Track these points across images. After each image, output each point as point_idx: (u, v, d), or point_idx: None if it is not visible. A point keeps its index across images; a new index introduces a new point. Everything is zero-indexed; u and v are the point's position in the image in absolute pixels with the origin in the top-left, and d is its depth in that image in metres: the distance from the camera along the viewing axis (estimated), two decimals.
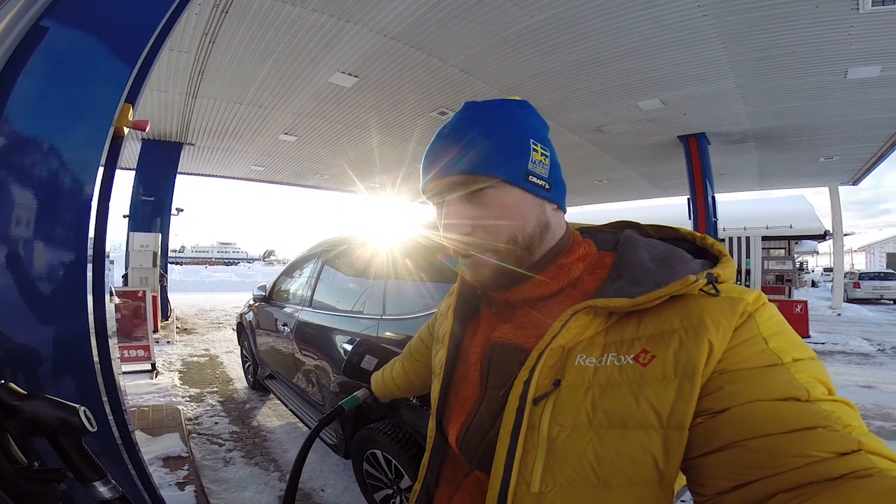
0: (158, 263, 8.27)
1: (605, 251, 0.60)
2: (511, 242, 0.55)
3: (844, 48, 5.02)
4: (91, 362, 1.33)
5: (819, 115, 7.20)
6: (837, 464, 0.34)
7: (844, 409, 0.39)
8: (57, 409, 0.50)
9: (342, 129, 8.27)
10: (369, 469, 1.95)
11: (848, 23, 4.50)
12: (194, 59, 5.50)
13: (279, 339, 3.27)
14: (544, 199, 0.57)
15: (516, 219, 0.55)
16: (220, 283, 22.52)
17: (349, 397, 1.08)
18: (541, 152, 0.56)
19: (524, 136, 0.56)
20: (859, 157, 9.81)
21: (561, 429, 0.47)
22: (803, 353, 0.43)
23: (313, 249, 3.36)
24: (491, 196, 0.54)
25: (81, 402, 0.54)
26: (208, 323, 9.58)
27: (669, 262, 0.52)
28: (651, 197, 15.02)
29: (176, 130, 8.24)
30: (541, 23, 4.77)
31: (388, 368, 1.05)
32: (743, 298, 0.45)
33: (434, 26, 4.84)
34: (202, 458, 2.87)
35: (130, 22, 1.18)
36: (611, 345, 0.48)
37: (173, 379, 4.68)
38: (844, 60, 5.33)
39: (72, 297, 1.29)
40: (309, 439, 0.97)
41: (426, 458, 0.70)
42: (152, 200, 8.83)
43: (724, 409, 0.40)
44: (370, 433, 1.84)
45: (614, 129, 8.06)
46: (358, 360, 1.17)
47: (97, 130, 1.22)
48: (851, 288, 16.20)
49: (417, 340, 0.95)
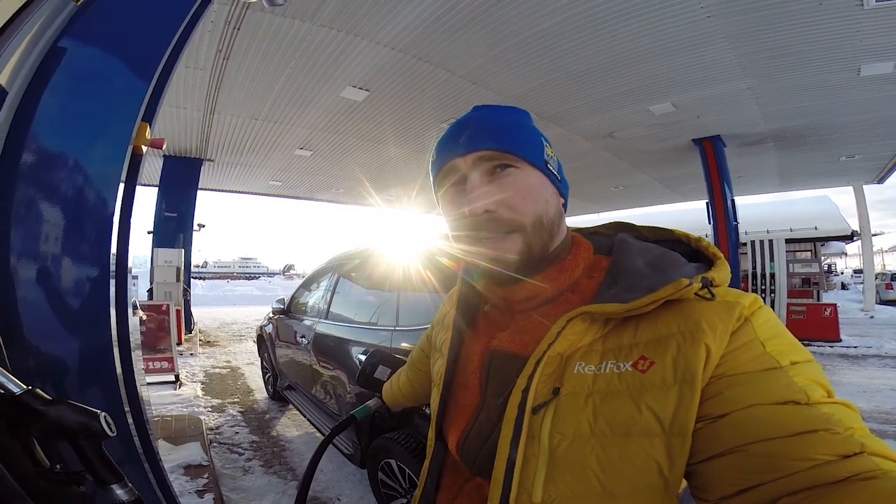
0: (182, 278, 8.48)
1: (600, 255, 0.60)
2: (538, 223, 0.55)
3: (854, 45, 4.91)
4: (114, 373, 1.37)
5: (835, 113, 7.01)
6: (841, 466, 0.34)
7: (845, 411, 0.39)
8: (79, 414, 0.52)
9: (356, 142, 8.37)
10: (384, 478, 1.95)
11: (854, 19, 4.41)
12: (210, 76, 5.64)
13: (297, 351, 3.32)
14: (559, 191, 0.59)
15: (540, 201, 0.55)
16: (242, 297, 22.94)
17: (361, 406, 1.10)
18: (551, 149, 0.59)
19: (537, 133, 0.58)
20: (883, 155, 9.49)
21: (562, 438, 0.46)
22: (801, 355, 0.43)
23: (329, 263, 3.42)
24: (515, 175, 0.55)
25: (104, 409, 0.56)
26: (230, 336, 9.74)
27: (663, 266, 0.52)
28: (669, 202, 14.71)
29: (196, 146, 8.44)
30: (547, 30, 4.79)
31: (396, 378, 1.06)
32: (739, 302, 0.45)
33: (441, 38, 4.90)
34: (222, 466, 2.92)
35: (143, 41, 1.24)
36: (609, 352, 0.48)
37: (196, 390, 4.77)
38: (856, 57, 5.21)
39: (95, 311, 1.33)
40: (321, 447, 0.99)
41: (426, 465, 0.70)
42: (175, 216, 9.04)
43: (724, 413, 0.40)
44: (385, 443, 1.86)
45: (627, 134, 7.97)
46: (371, 370, 1.18)
47: (116, 148, 1.27)
48: (884, 289, 15.65)
49: (418, 350, 0.95)
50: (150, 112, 1.28)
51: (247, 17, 4.47)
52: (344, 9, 4.37)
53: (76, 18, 1.14)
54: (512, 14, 4.49)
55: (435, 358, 0.75)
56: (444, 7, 4.38)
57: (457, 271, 0.73)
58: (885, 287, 15.73)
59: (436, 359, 0.74)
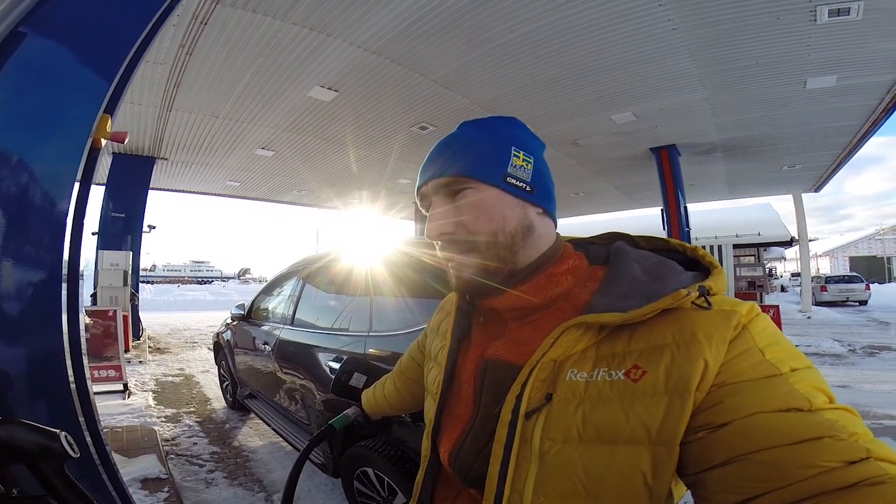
0: (129, 282, 7.99)
1: (596, 265, 0.60)
2: (491, 240, 0.56)
3: (803, 59, 5.28)
4: (66, 382, 1.27)
5: (781, 124, 7.52)
6: (847, 472, 0.34)
7: (848, 416, 0.39)
8: (35, 435, 0.48)
9: (321, 143, 8.22)
10: (360, 487, 1.90)
11: (806, 34, 4.73)
12: (170, 71, 5.41)
13: (260, 358, 3.19)
14: (525, 201, 0.58)
15: (495, 218, 0.56)
16: (194, 302, 21.97)
17: (339, 416, 1.06)
18: (523, 158, 0.58)
19: (506, 144, 0.58)
20: (820, 165, 10.25)
21: (552, 443, 0.47)
22: (800, 362, 0.43)
23: (295, 267, 3.32)
24: (469, 196, 0.57)
25: (58, 423, 0.52)
26: (182, 342, 9.28)
27: (660, 274, 0.52)
28: (625, 209, 15.32)
29: (149, 145, 8.05)
30: (521, 38, 4.88)
31: (380, 386, 1.03)
32: (736, 311, 0.45)
33: (415, 41, 4.89)
34: (182, 479, 2.76)
35: (112, 29, 1.15)
36: (602, 359, 0.48)
37: (147, 399, 4.51)
38: (804, 71, 5.60)
39: (46, 317, 1.24)
40: (300, 460, 0.94)
41: (420, 477, 0.69)
42: (123, 217, 8.55)
43: (726, 422, 0.40)
44: (361, 451, 1.80)
45: (590, 142, 8.25)
46: (347, 377, 1.14)
47: (74, 142, 1.18)
48: (819, 291, 16.81)
49: (408, 358, 0.93)
50: (112, 104, 1.19)
51: (216, 11, 4.30)
52: (318, 8, 4.29)
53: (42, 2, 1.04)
54: (487, 21, 4.56)
55: (429, 367, 0.74)
56: (420, 11, 4.38)
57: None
58: (820, 289, 16.94)
59: (430, 367, 0.73)
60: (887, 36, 4.74)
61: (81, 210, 1.32)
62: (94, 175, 1.35)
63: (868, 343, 8.00)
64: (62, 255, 1.26)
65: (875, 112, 6.87)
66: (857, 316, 13.28)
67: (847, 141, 8.41)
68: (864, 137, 8.09)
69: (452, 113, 6.81)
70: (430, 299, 1.90)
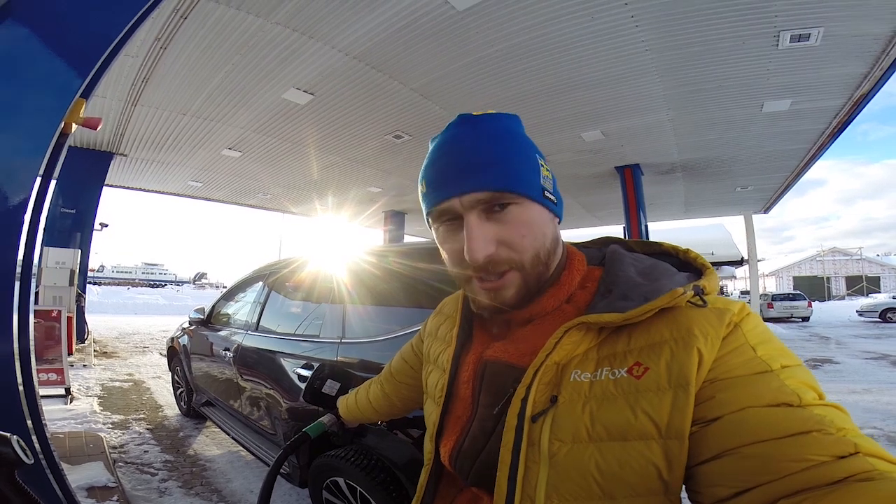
0: (76, 282, 7.51)
1: (592, 266, 0.61)
2: (535, 259, 0.55)
3: (762, 82, 5.56)
4: (14, 384, 1.19)
5: (737, 146, 7.86)
6: (836, 467, 0.34)
7: (836, 413, 0.39)
8: None
9: (291, 147, 8.05)
10: (330, 498, 1.85)
11: (767, 58, 5.00)
12: (141, 65, 5.18)
13: (219, 365, 3.05)
14: (555, 215, 0.58)
15: (538, 236, 0.55)
16: (145, 306, 20.88)
17: (314, 423, 1.03)
18: (546, 167, 0.57)
19: (533, 152, 0.56)
20: (770, 187, 10.80)
21: (561, 444, 0.47)
22: (790, 360, 0.44)
23: (260, 271, 3.22)
24: (515, 213, 0.53)
25: (4, 427, 0.48)
26: (131, 347, 8.79)
27: (656, 275, 0.53)
28: (589, 226, 15.59)
29: (108, 139, 7.64)
30: (500, 52, 4.96)
31: (363, 391, 1.01)
32: (728, 309, 0.47)
33: (398, 49, 4.89)
34: (133, 488, 2.59)
35: (102, 11, 1.10)
36: (604, 359, 0.49)
37: (92, 404, 4.24)
38: (762, 94, 5.90)
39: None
40: (273, 470, 0.91)
41: (424, 478, 0.68)
42: (73, 213, 8.05)
43: (717, 417, 0.41)
44: (331, 461, 1.75)
45: (559, 158, 8.42)
46: (319, 384, 1.12)
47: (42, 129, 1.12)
48: (766, 308, 17.70)
49: (400, 362, 0.92)
50: (89, 88, 1.14)
51: (198, 6, 4.16)
52: (304, 8, 4.23)
53: None
54: (471, 34, 4.62)
55: (428, 370, 0.73)
56: (405, 20, 4.39)
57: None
58: (767, 306, 17.91)
59: (429, 371, 0.73)
60: (840, 62, 5.02)
61: (39, 207, 1.26)
62: (55, 171, 1.28)
63: (811, 356, 8.45)
64: (17, 252, 1.19)
65: (822, 135, 7.26)
66: (800, 331, 14.06)
67: (795, 164, 8.84)
68: (811, 160, 8.52)
69: (428, 123, 6.81)
70: (405, 308, 1.89)
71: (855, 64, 5.06)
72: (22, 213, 1.15)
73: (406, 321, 1.77)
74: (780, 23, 4.37)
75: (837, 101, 6.05)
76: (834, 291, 38.43)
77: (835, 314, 20.63)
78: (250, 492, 2.64)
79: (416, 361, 0.86)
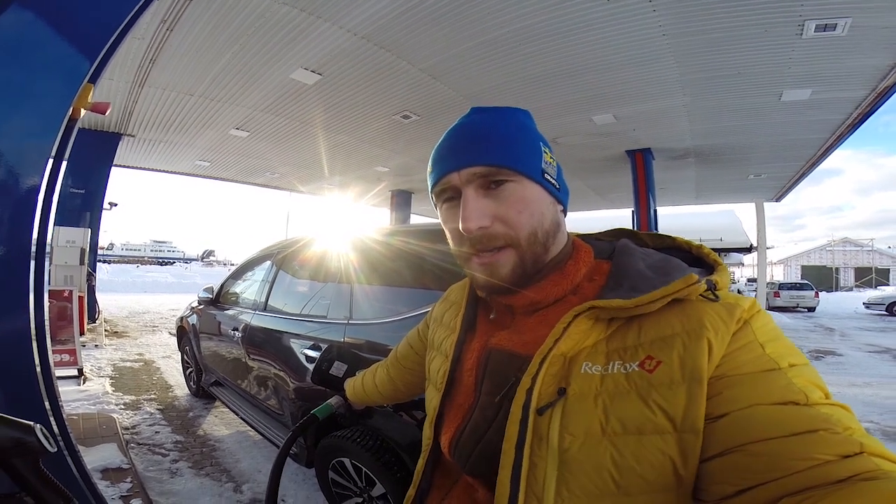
0: (87, 261, 7.60)
1: (601, 259, 0.61)
2: (532, 237, 0.55)
3: (783, 71, 5.42)
4: (33, 367, 1.21)
5: (753, 134, 7.71)
6: (841, 466, 0.34)
7: (842, 412, 0.39)
8: (9, 429, 0.45)
9: (299, 127, 7.99)
10: (336, 478, 1.88)
11: (790, 47, 4.86)
12: (147, 47, 5.13)
13: (228, 345, 3.09)
14: (556, 200, 0.59)
15: (535, 214, 0.55)
16: (154, 284, 21.12)
17: (322, 405, 1.04)
18: (550, 155, 0.59)
19: (536, 139, 0.58)
20: (784, 176, 10.63)
21: (573, 438, 0.46)
22: (798, 359, 0.44)
23: (269, 250, 3.22)
24: (511, 189, 0.55)
25: (24, 412, 0.48)
26: (141, 326, 8.93)
27: (666, 270, 0.52)
28: (598, 209, 15.58)
29: (116, 120, 7.64)
30: (512, 33, 4.85)
31: (370, 375, 1.02)
32: (739, 305, 0.47)
33: (407, 29, 4.81)
34: (145, 469, 2.65)
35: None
36: (614, 352, 0.48)
37: (104, 385, 4.31)
38: (782, 83, 5.76)
39: (13, 298, 1.17)
40: (283, 452, 0.93)
41: (421, 464, 0.69)
42: (82, 193, 8.11)
43: (724, 413, 0.41)
44: (337, 441, 1.78)
45: (570, 141, 8.33)
46: (327, 366, 1.14)
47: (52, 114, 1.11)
48: (772, 297, 17.58)
49: (406, 347, 0.92)
50: (97, 73, 1.12)
51: None
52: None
53: None
54: (482, 14, 4.52)
55: (431, 356, 0.73)
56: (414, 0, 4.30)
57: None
58: (774, 295, 17.78)
59: (432, 357, 0.73)
60: (867, 53, 4.89)
61: (52, 187, 1.26)
62: (66, 152, 1.29)
63: (814, 348, 8.43)
64: (32, 234, 1.20)
65: (842, 126, 7.11)
66: (805, 321, 14.00)
67: (812, 153, 8.69)
68: (828, 150, 8.38)
69: (437, 103, 6.72)
70: (414, 289, 1.89)
71: (882, 55, 4.91)
72: (36, 193, 1.16)
73: (414, 303, 1.77)
74: (806, 12, 4.23)
75: (860, 93, 5.90)
76: (842, 282, 38.02)
77: (842, 305, 20.45)
78: (258, 471, 2.70)
79: (421, 348, 0.87)
